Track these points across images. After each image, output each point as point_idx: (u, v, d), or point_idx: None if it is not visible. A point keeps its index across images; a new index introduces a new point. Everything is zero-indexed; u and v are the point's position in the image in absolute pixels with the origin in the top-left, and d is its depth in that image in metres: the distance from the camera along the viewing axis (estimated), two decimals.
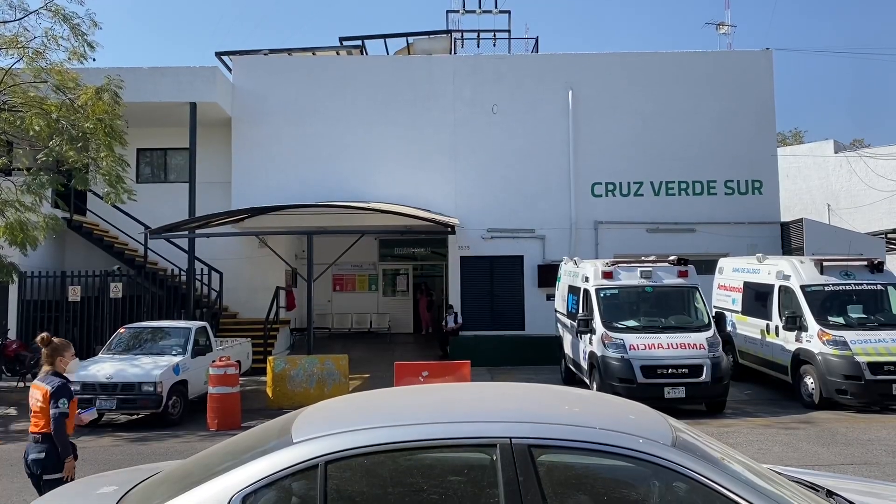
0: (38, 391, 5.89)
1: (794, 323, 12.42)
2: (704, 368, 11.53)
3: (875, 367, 11.47)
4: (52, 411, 5.76)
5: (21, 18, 13.55)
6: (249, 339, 16.32)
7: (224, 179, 19.48)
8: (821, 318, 12.19)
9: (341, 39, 22.06)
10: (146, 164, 20.62)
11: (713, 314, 13.07)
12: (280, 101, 19.48)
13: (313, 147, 19.34)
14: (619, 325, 12.26)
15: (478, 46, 23.49)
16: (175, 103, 17.94)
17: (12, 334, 16.75)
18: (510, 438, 2.97)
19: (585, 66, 19.69)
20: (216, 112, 18.74)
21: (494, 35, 23.03)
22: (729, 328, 14.57)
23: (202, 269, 18.42)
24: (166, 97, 17.85)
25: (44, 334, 6.08)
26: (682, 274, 12.81)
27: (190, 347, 12.71)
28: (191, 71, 18.19)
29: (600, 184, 19.38)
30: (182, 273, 18.24)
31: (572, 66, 19.66)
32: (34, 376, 16.29)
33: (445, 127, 19.44)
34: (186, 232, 16.63)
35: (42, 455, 5.80)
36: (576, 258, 15.06)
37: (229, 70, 20.10)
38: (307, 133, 19.41)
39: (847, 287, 12.65)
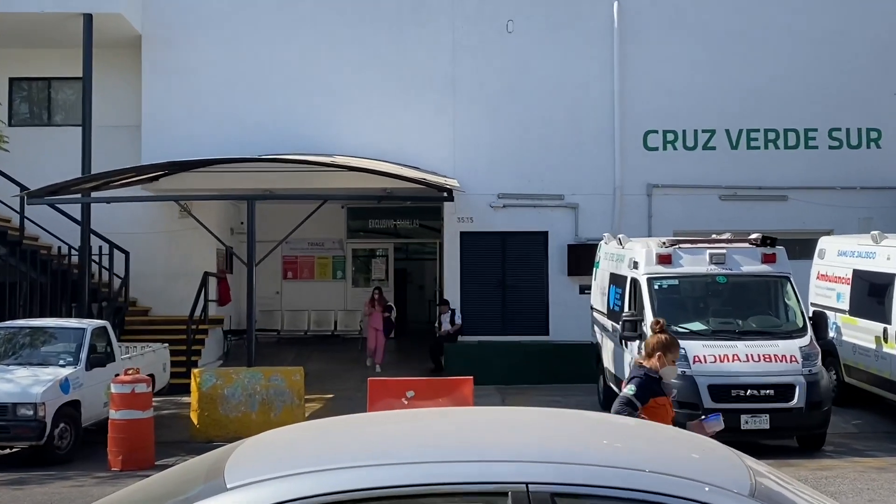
0: None
1: None
2: (797, 389, 11.58)
3: None
4: None
5: None
6: (167, 344, 16.34)
7: (132, 122, 19.42)
8: None
9: None
10: (22, 99, 20.52)
11: (810, 314, 13.10)
12: (209, 12, 19.35)
13: (255, 78, 19.24)
14: (680, 329, 12.28)
15: None
16: (63, 14, 17.81)
17: None
18: (526, 484, 2.99)
19: None
20: (120, 27, 18.61)
21: None
22: (832, 334, 14.63)
23: (101, 248, 18.42)
24: (50, 6, 17.70)
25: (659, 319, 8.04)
26: (768, 258, 12.82)
27: (84, 356, 12.69)
28: None
29: (656, 132, 19.36)
30: (73, 252, 18.21)
31: None
32: None
33: (442, 51, 19.34)
34: (79, 195, 16.58)
35: None
36: (621, 236, 15.07)
37: None
38: (247, 57, 19.28)
39: None
